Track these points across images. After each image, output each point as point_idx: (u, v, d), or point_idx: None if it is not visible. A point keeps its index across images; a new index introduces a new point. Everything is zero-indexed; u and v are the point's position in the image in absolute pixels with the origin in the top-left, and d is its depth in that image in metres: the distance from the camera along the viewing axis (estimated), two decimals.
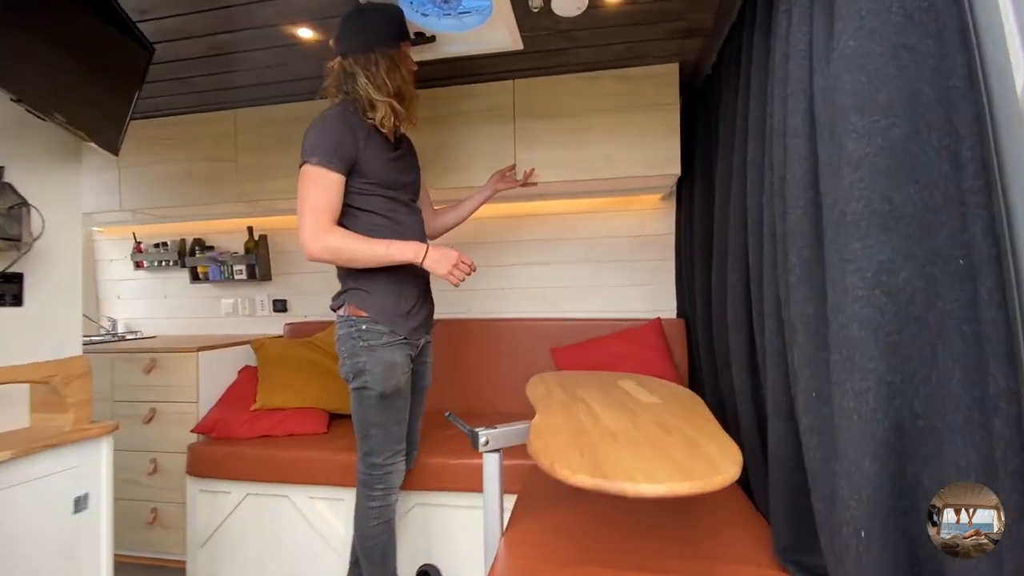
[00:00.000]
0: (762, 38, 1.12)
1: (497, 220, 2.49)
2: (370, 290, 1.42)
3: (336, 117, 1.36)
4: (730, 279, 1.30)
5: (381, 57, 1.40)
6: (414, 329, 1.48)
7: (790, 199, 0.88)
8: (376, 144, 1.41)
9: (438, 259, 1.37)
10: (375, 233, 1.43)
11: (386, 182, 1.43)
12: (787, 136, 0.90)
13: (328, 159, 1.32)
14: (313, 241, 1.31)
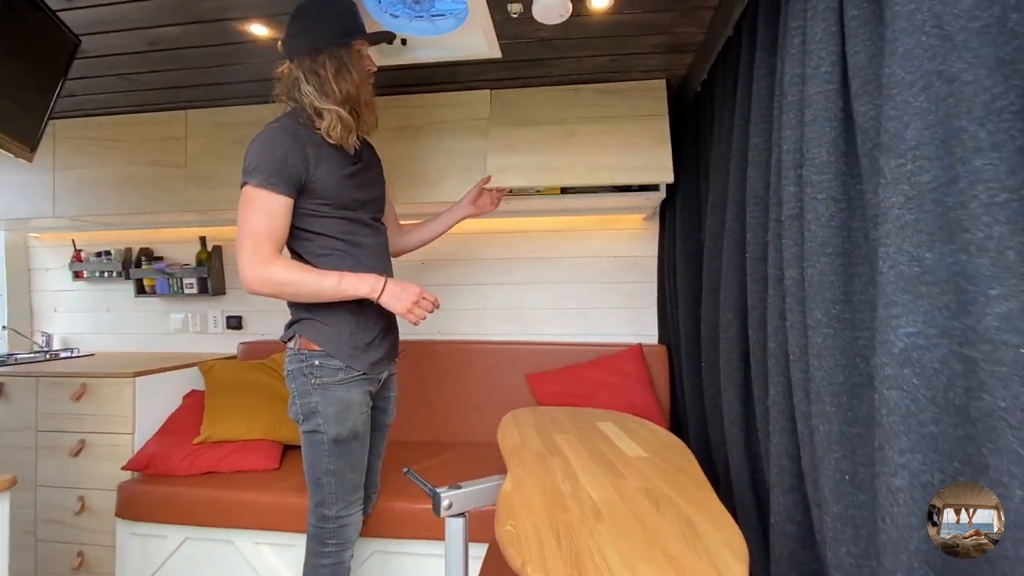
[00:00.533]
0: (765, 57, 1.01)
1: (472, 236, 2.34)
2: (324, 320, 1.26)
3: (282, 130, 1.19)
4: (723, 318, 1.18)
5: (329, 59, 1.24)
6: (375, 363, 1.32)
7: (812, 244, 0.76)
8: (330, 159, 1.25)
9: (396, 295, 1.21)
10: (330, 258, 1.27)
11: (342, 202, 1.27)
12: (805, 168, 0.78)
13: (271, 179, 1.15)
14: (252, 273, 1.15)
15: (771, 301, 0.91)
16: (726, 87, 1.33)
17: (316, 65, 1.24)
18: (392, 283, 1.22)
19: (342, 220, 1.28)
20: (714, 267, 1.34)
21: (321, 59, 1.24)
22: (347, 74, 1.25)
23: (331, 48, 1.24)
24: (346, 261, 1.28)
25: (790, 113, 0.83)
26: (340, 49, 1.25)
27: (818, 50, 0.77)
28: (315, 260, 1.27)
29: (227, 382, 2.09)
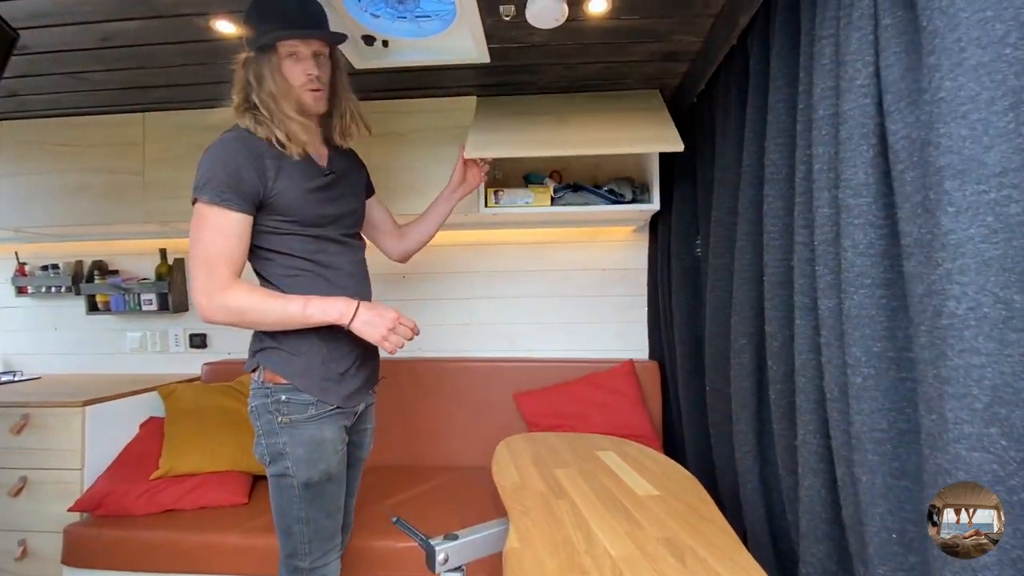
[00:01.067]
0: (783, 68, 0.94)
1: (456, 248, 2.24)
2: (292, 348, 1.13)
3: (236, 140, 1.07)
4: (735, 343, 1.11)
5: (254, 62, 1.11)
6: (350, 395, 1.20)
7: (850, 273, 0.69)
8: (292, 171, 1.11)
9: (370, 321, 1.09)
10: (298, 280, 1.14)
11: (307, 218, 1.14)
12: (840, 190, 0.71)
13: (225, 195, 1.03)
14: (207, 300, 1.03)
15: (800, 331, 0.83)
16: (730, 98, 1.27)
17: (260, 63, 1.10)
18: (365, 307, 1.10)
19: (309, 238, 1.16)
20: (720, 287, 1.27)
21: (252, 60, 1.11)
22: (264, 81, 1.10)
23: (254, 49, 1.11)
24: (316, 283, 1.16)
25: (822, 129, 0.77)
26: (261, 52, 1.10)
27: (853, 61, 0.71)
28: (281, 283, 1.14)
29: (189, 407, 1.93)
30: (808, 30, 0.84)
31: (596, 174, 2.10)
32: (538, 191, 1.80)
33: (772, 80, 0.96)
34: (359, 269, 1.27)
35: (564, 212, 1.80)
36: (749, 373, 1.08)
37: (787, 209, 0.92)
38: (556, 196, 1.82)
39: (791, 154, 0.91)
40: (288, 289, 1.13)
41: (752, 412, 1.07)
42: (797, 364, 0.83)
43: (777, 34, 0.96)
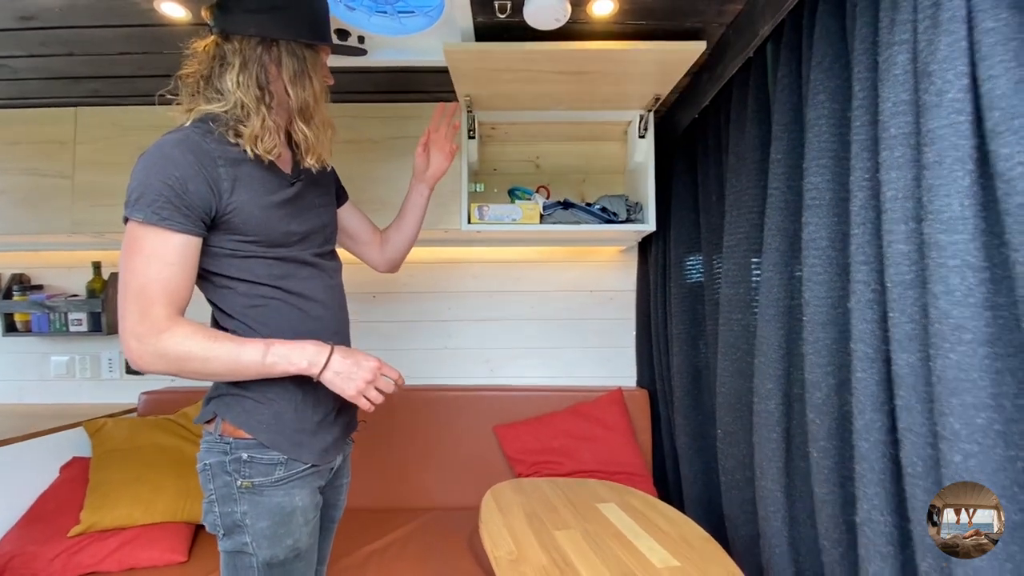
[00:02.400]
0: (824, 79, 0.83)
1: (433, 267, 2.07)
2: (257, 396, 0.94)
3: (181, 143, 0.86)
4: (760, 386, 0.98)
5: (287, 56, 0.94)
6: (327, 449, 1.01)
7: (943, 325, 0.57)
8: (252, 181, 0.93)
9: (345, 372, 0.91)
10: (262, 312, 0.95)
11: (273, 238, 0.95)
12: (926, 224, 0.59)
13: (165, 212, 0.83)
14: (139, 345, 0.82)
15: (860, 386, 0.71)
16: (745, 114, 1.16)
17: (268, 56, 0.93)
18: (340, 354, 0.92)
19: (274, 261, 0.96)
20: (736, 321, 1.15)
21: (276, 52, 0.93)
22: (307, 82, 0.96)
23: (294, 43, 0.94)
24: (287, 314, 0.97)
25: (895, 150, 0.65)
26: (306, 49, 0.96)
27: (941, 72, 0.59)
28: (244, 315, 0.94)
29: (120, 446, 1.67)
30: (866, 36, 0.73)
31: (583, 190, 1.99)
32: (526, 207, 1.66)
33: (811, 95, 0.85)
34: (335, 297, 1.08)
35: (553, 231, 1.67)
36: (776, 422, 0.95)
37: (836, 241, 0.80)
38: (545, 213, 1.68)
39: (840, 178, 0.80)
40: (253, 323, 0.94)
41: (780, 467, 0.95)
42: (858, 425, 0.71)
43: (817, 43, 0.85)
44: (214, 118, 0.92)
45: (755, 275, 1.13)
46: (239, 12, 0.92)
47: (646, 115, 1.64)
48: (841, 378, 0.80)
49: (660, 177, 1.81)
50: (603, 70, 1.36)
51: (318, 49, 0.99)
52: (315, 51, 0.98)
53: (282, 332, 0.96)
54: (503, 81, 1.44)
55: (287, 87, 0.95)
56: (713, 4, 1.17)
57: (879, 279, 0.69)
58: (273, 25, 0.93)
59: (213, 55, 0.94)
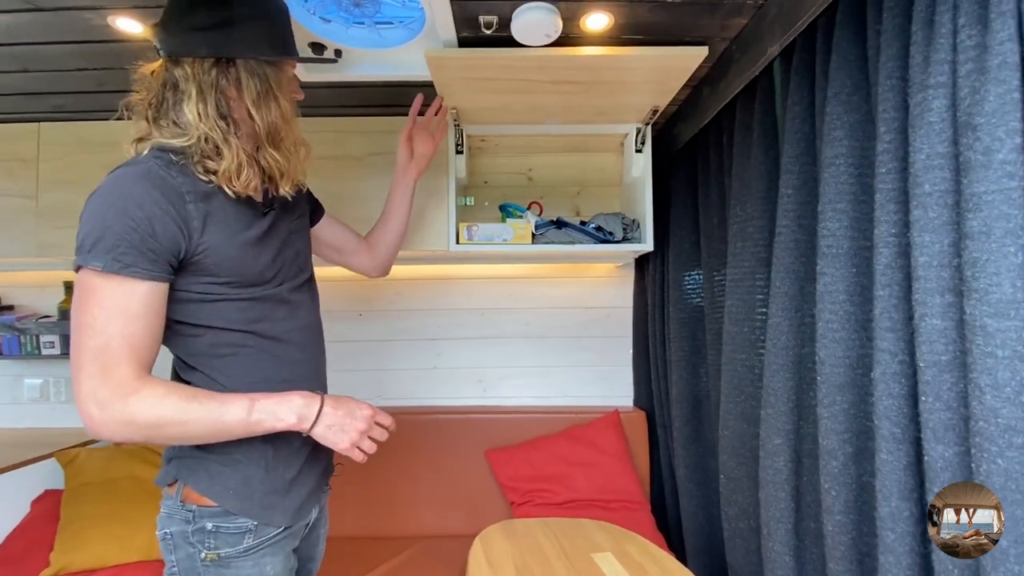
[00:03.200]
0: (842, 113, 0.75)
1: (421, 283, 1.98)
2: (222, 458, 0.85)
3: (142, 178, 0.76)
4: (767, 441, 0.91)
5: (249, 75, 0.84)
6: (303, 505, 0.93)
7: (990, 425, 0.49)
8: (225, 217, 0.84)
9: (338, 424, 0.84)
10: (231, 362, 0.86)
11: (248, 278, 0.86)
12: (971, 304, 0.51)
13: (127, 257, 0.73)
14: (100, 411, 0.73)
15: (884, 469, 0.63)
16: (750, 139, 1.07)
17: (225, 79, 0.83)
18: (332, 405, 0.84)
19: (248, 302, 0.87)
20: (740, 361, 1.07)
21: (234, 74, 0.84)
22: (273, 102, 0.86)
23: (254, 61, 0.84)
24: (257, 363, 0.88)
25: (929, 210, 0.57)
26: (267, 66, 0.86)
27: (989, 127, 0.51)
28: (211, 366, 0.86)
29: (94, 479, 1.59)
30: (892, 71, 0.64)
31: (578, 203, 1.90)
32: (517, 227, 1.57)
33: (827, 129, 0.77)
34: (312, 336, 0.99)
35: (546, 251, 1.58)
36: (785, 480, 0.88)
37: (855, 295, 0.72)
38: (538, 232, 1.59)
39: (860, 225, 0.72)
40: (219, 375, 0.85)
41: (789, 528, 0.88)
42: (882, 512, 0.63)
43: (835, 73, 0.76)
44: (175, 150, 0.83)
45: (760, 312, 1.05)
46: (186, 31, 0.82)
47: (643, 128, 1.55)
48: (859, 446, 0.72)
49: (657, 192, 1.72)
50: (598, 79, 1.27)
51: (281, 63, 0.89)
52: (278, 66, 0.88)
53: (253, 383, 0.87)
54: (491, 92, 1.35)
55: (251, 111, 0.85)
56: (716, 18, 1.08)
57: (907, 350, 0.61)
58: (227, 43, 0.82)
59: (163, 81, 0.84)
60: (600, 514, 1.68)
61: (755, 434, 1.03)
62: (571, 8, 1.05)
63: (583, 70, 1.21)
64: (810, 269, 0.84)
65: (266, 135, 0.87)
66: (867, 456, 0.72)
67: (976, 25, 0.52)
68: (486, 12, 1.06)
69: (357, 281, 1.98)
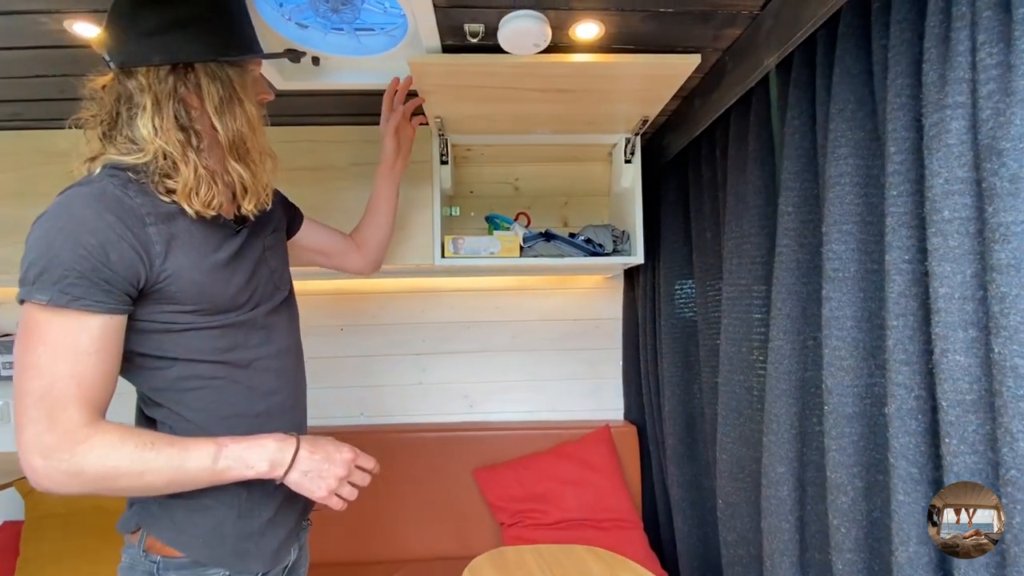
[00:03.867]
0: (846, 129, 0.72)
1: (405, 296, 1.92)
2: (192, 504, 0.78)
3: (94, 200, 0.69)
4: (770, 470, 0.87)
5: (210, 80, 0.77)
6: (281, 546, 0.87)
7: (1020, 469, 0.45)
8: (192, 238, 0.77)
9: (315, 471, 0.77)
10: (199, 396, 0.79)
11: (218, 304, 0.79)
12: (1007, 342, 0.47)
13: (77, 290, 0.67)
14: (47, 462, 0.66)
15: (901, 512, 0.60)
16: (744, 154, 1.04)
17: (184, 86, 0.76)
18: (308, 448, 0.78)
19: (219, 330, 0.80)
20: (737, 382, 1.04)
21: (194, 79, 0.77)
22: (237, 108, 0.79)
23: (214, 64, 0.77)
24: (229, 396, 0.81)
25: (949, 238, 0.53)
26: (230, 68, 0.79)
27: (1017, 153, 0.48)
28: (176, 400, 0.79)
29: (56, 510, 1.50)
30: (903, 88, 0.61)
31: (566, 213, 1.86)
32: (505, 240, 1.52)
33: (830, 146, 0.73)
34: (290, 361, 0.92)
35: (535, 264, 1.54)
36: (789, 511, 0.84)
37: (862, 321, 0.69)
38: (526, 245, 1.55)
39: (867, 248, 0.69)
40: (189, 408, 0.79)
41: (794, 562, 0.84)
42: (899, 558, 0.59)
43: (837, 87, 0.73)
44: (132, 168, 0.76)
45: (758, 331, 1.02)
46: (135, 37, 0.74)
47: (633, 139, 1.51)
48: (869, 480, 0.69)
49: (647, 203, 1.69)
50: (587, 87, 1.23)
51: (245, 64, 0.82)
52: (242, 67, 0.81)
53: (225, 418, 0.81)
54: (477, 100, 1.30)
55: (212, 120, 0.78)
56: (709, 28, 1.04)
57: (924, 384, 0.58)
58: (182, 46, 0.75)
59: (116, 95, 0.77)
60: (592, 534, 1.63)
61: (754, 458, 0.99)
62: (560, 17, 1.01)
63: (572, 78, 1.17)
64: (812, 290, 0.81)
65: (230, 145, 0.80)
66: (878, 490, 0.68)
67: (998, 43, 0.48)
68: (472, 20, 1.01)
69: (338, 295, 1.92)
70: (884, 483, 0.67)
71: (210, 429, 0.79)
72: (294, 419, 0.91)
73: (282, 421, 0.87)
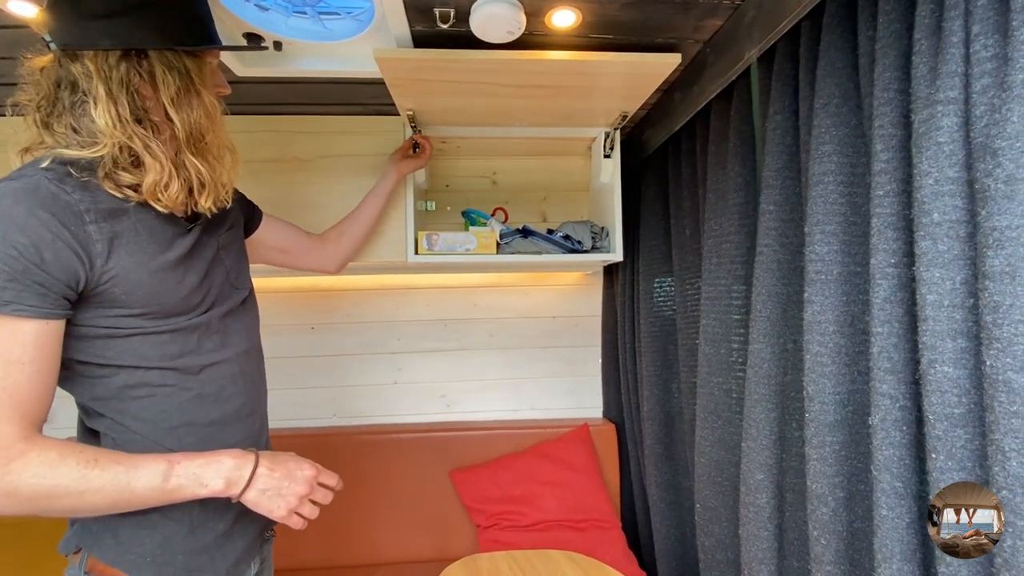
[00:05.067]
0: (832, 125, 0.69)
1: (379, 293, 1.86)
2: (136, 519, 0.72)
3: (27, 195, 0.64)
4: (749, 476, 0.85)
5: (165, 69, 0.72)
6: (240, 558, 0.82)
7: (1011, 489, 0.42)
8: (139, 237, 0.71)
9: (274, 488, 0.73)
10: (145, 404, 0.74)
11: (168, 307, 0.74)
12: (999, 355, 0.44)
13: (9, 294, 0.62)
14: None
15: (885, 526, 0.57)
16: (725, 148, 1.01)
17: (137, 75, 0.70)
18: (267, 464, 0.73)
19: (169, 335, 0.75)
20: (716, 384, 1.01)
21: (148, 67, 0.71)
22: (195, 100, 0.74)
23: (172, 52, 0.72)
24: (179, 405, 0.76)
25: (939, 242, 0.50)
26: (187, 58, 0.73)
27: (1013, 152, 0.45)
28: (119, 412, 0.73)
29: (3, 520, 1.41)
30: (890, 82, 0.58)
31: (545, 208, 1.82)
32: (481, 236, 1.47)
33: (814, 143, 0.70)
34: (248, 366, 0.86)
35: (512, 261, 1.49)
36: (768, 518, 0.82)
37: (845, 325, 0.66)
38: (503, 242, 1.50)
39: (851, 250, 0.66)
40: (135, 419, 0.73)
41: (772, 570, 0.82)
42: (882, 573, 0.57)
43: (821, 81, 0.69)
44: (77, 162, 0.69)
45: (738, 333, 0.99)
46: (80, 18, 0.68)
47: (612, 133, 1.47)
48: (850, 490, 0.67)
49: (627, 198, 1.66)
50: (565, 84, 1.18)
51: (202, 53, 0.76)
52: (200, 56, 0.76)
53: (173, 428, 0.76)
54: (449, 94, 1.24)
55: (168, 111, 0.73)
56: (689, 19, 1.00)
57: (909, 394, 0.55)
58: (136, 32, 0.69)
59: (56, 79, 0.71)
60: (570, 535, 1.61)
61: (733, 462, 0.97)
62: (535, 3, 0.96)
63: (549, 74, 1.12)
64: (793, 292, 0.78)
65: (187, 138, 0.74)
66: (859, 500, 0.66)
67: (994, 34, 0.45)
68: (442, 4, 0.96)
69: (308, 292, 1.85)
70: (865, 493, 0.65)
71: (158, 440, 0.74)
72: (251, 426, 0.86)
73: (238, 428, 0.82)
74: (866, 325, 0.62)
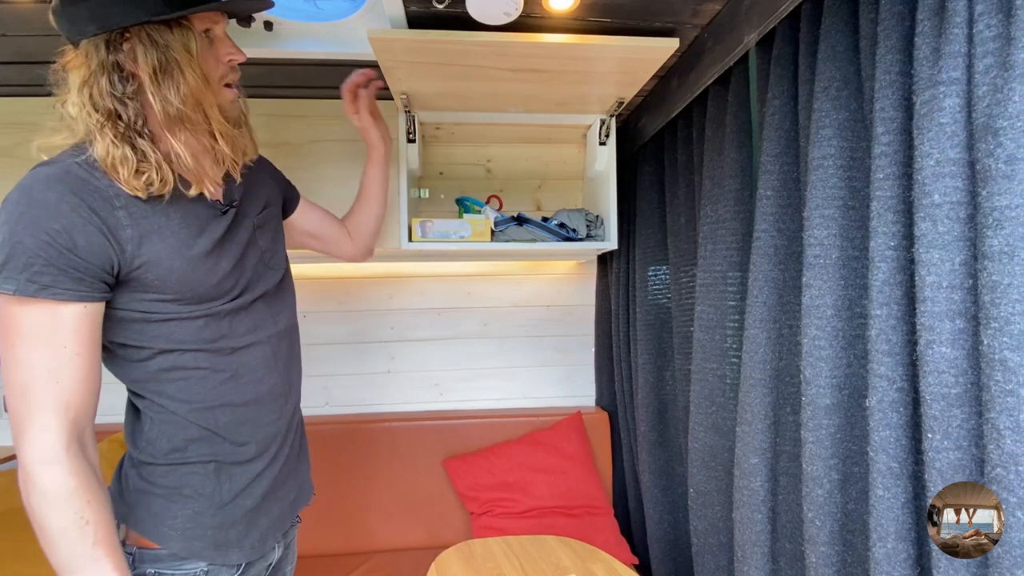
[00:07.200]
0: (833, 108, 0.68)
1: (372, 282, 1.85)
2: (168, 492, 0.74)
3: (58, 182, 0.64)
4: (743, 460, 0.85)
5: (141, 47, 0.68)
6: (265, 536, 0.82)
7: (1005, 467, 0.43)
8: (171, 223, 0.71)
9: None
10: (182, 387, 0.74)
11: (201, 293, 0.73)
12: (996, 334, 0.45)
13: (48, 279, 0.62)
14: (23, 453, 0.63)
15: (880, 507, 0.58)
16: (723, 134, 1.01)
17: (122, 56, 0.69)
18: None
19: (203, 320, 0.74)
20: (710, 370, 1.02)
21: (128, 46, 0.69)
22: (178, 75, 0.70)
23: (150, 27, 0.68)
24: (216, 385, 0.76)
25: (939, 223, 0.50)
26: (167, 31, 0.69)
27: (1014, 132, 0.45)
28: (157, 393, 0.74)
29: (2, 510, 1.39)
30: (892, 64, 0.57)
31: (539, 197, 1.81)
32: (476, 223, 1.47)
33: (813, 128, 0.70)
34: (283, 347, 0.85)
35: (507, 249, 1.49)
36: (761, 502, 0.83)
37: (842, 310, 0.66)
38: (497, 229, 1.49)
39: (849, 234, 0.66)
40: (172, 400, 0.74)
41: (765, 552, 0.83)
42: (876, 553, 0.58)
43: (822, 64, 0.69)
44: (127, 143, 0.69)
45: (732, 319, 0.99)
46: (70, 7, 0.67)
47: (608, 120, 1.46)
48: (845, 472, 0.67)
49: (622, 186, 1.66)
50: (561, 68, 1.17)
51: (189, 23, 0.72)
52: (185, 27, 0.71)
53: (209, 409, 0.76)
54: (444, 78, 1.22)
55: (149, 90, 0.71)
56: (688, 3, 0.99)
57: (906, 376, 0.56)
58: (111, 10, 0.67)
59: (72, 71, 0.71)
60: (564, 522, 1.62)
61: (727, 447, 0.98)
62: None
63: (545, 58, 1.11)
64: (790, 278, 0.79)
65: (166, 120, 0.72)
66: (853, 482, 0.67)
67: (996, 13, 0.45)
68: None
69: (300, 281, 1.81)
70: (860, 474, 0.65)
71: (194, 419, 0.75)
72: (286, 406, 0.86)
73: (271, 408, 0.83)
74: (863, 309, 0.63)
